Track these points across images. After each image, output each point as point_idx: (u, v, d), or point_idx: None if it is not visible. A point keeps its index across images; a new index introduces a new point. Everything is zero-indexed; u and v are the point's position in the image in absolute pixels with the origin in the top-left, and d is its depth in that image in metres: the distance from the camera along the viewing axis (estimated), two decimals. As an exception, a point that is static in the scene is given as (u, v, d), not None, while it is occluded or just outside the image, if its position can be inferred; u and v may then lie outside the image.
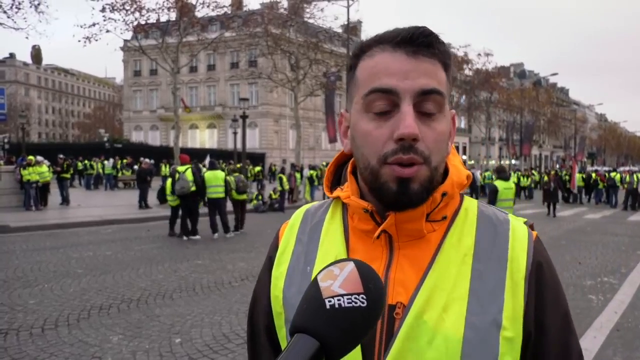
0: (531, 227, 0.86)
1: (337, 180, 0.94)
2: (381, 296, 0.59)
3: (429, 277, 0.77)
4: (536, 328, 0.78)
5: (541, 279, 0.80)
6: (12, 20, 16.68)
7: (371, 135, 0.76)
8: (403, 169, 0.74)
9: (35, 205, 15.25)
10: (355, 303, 0.56)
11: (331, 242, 0.86)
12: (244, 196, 12.38)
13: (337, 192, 0.89)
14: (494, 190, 7.64)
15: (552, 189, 17.02)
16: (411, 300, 0.76)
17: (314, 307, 0.56)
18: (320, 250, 0.86)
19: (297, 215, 0.95)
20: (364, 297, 0.57)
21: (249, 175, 25.29)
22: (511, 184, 8.04)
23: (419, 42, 0.75)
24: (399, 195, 0.76)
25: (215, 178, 10.98)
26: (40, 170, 15.56)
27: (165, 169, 24.82)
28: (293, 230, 0.92)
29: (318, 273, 0.61)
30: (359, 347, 0.76)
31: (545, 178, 27.09)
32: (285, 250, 0.91)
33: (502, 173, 7.93)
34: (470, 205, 0.86)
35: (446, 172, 0.83)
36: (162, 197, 14.15)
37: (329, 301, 0.56)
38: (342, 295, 0.56)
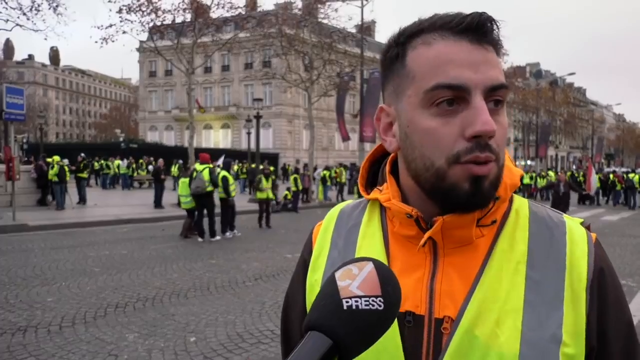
0: (588, 228, 0.78)
1: (371, 179, 0.88)
2: (398, 300, 0.58)
3: (479, 288, 0.71)
4: (599, 341, 0.71)
5: (603, 287, 0.73)
6: (32, 22, 17.06)
7: (437, 132, 0.68)
8: (479, 167, 0.68)
9: (62, 204, 15.51)
10: (373, 306, 0.55)
11: (369, 248, 0.80)
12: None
13: (375, 194, 0.82)
14: None
15: (562, 193, 13.33)
16: (460, 314, 0.70)
17: (330, 306, 0.56)
18: (358, 256, 0.80)
19: (331, 215, 0.89)
20: (382, 300, 0.56)
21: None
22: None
23: (485, 29, 0.68)
24: (471, 196, 0.69)
25: (230, 177, 11.33)
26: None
27: (174, 169, 24.62)
28: (327, 233, 0.87)
29: (336, 270, 0.60)
30: None
31: (553, 177, 25.32)
32: (320, 254, 0.85)
33: None
34: (521, 205, 0.79)
35: None
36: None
37: (347, 302, 0.55)
38: (359, 297, 0.55)
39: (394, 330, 0.72)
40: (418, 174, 0.72)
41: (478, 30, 0.68)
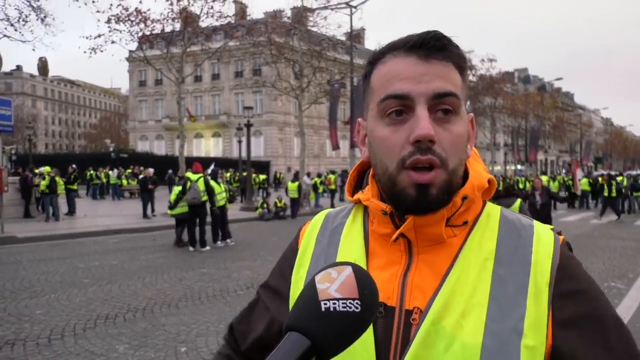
0: (559, 233, 0.83)
1: (359, 186, 0.93)
2: (375, 303, 0.61)
3: (447, 281, 0.76)
4: (568, 333, 0.74)
5: (568, 282, 0.77)
6: (19, 32, 16.92)
7: (388, 140, 0.76)
8: (420, 174, 0.74)
9: (53, 216, 15.34)
10: (350, 308, 0.58)
11: (351, 246, 0.85)
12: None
13: (358, 195, 0.88)
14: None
15: (539, 204, 9.63)
16: (428, 306, 0.75)
17: (309, 307, 0.58)
18: (340, 253, 0.85)
19: (319, 217, 0.95)
20: (359, 302, 0.58)
21: (254, 183, 25.33)
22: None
23: (430, 45, 0.75)
24: (417, 202, 0.75)
25: (218, 186, 11.26)
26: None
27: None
28: (313, 232, 0.92)
29: (316, 274, 0.62)
30: (373, 353, 0.75)
31: (526, 185, 22.91)
32: (305, 252, 0.90)
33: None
34: (493, 210, 0.85)
35: (467, 175, 0.81)
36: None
37: (325, 304, 0.58)
38: (337, 299, 0.58)
39: None
40: (379, 179, 0.81)
41: (422, 47, 0.75)
